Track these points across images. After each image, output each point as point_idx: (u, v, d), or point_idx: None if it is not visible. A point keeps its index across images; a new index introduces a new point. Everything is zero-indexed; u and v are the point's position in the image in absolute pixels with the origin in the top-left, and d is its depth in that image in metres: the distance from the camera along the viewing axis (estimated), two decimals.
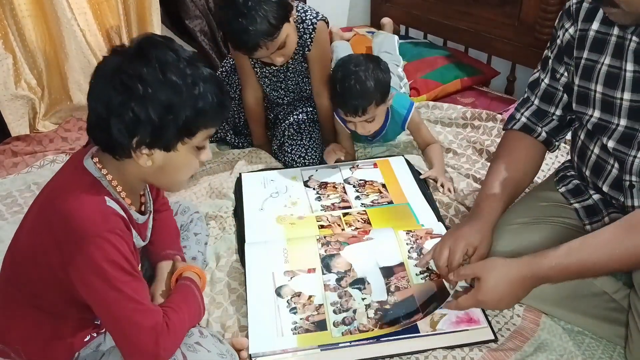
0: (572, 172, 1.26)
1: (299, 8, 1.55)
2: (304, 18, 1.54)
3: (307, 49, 1.58)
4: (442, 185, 1.54)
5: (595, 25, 1.07)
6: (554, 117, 1.21)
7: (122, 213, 0.90)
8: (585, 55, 1.08)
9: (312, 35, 1.56)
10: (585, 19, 1.08)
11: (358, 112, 1.50)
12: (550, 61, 1.19)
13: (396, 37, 2.26)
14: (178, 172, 0.96)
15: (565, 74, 1.17)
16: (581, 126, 1.17)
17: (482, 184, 1.23)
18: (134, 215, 0.96)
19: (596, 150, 1.13)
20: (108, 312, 0.87)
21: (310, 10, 1.56)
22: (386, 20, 2.44)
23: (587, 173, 1.17)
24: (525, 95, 1.25)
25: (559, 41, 1.16)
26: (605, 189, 1.13)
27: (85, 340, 0.98)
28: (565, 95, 1.19)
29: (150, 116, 0.83)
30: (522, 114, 1.24)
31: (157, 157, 0.89)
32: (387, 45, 2.17)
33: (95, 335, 1.00)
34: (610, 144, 1.07)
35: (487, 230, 1.13)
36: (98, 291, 0.85)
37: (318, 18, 1.56)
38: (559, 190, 1.25)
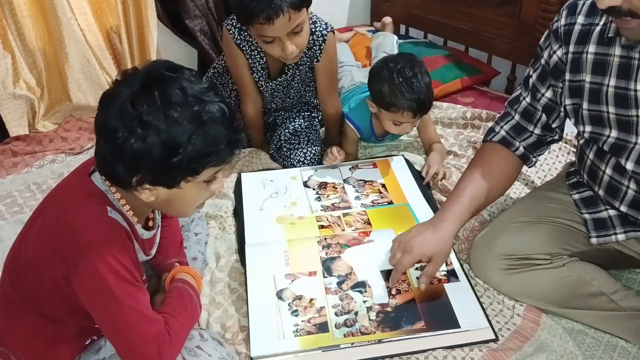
0: (577, 178, 1.25)
1: (308, 19, 1.53)
2: (313, 30, 1.52)
3: (315, 59, 1.57)
4: (443, 176, 1.54)
5: (592, 48, 1.03)
6: (533, 134, 1.21)
7: (125, 224, 0.90)
8: (588, 78, 1.05)
9: (321, 47, 1.54)
10: (578, 42, 1.05)
11: (420, 110, 1.47)
12: (531, 80, 1.17)
13: (395, 37, 2.25)
14: (185, 205, 0.94)
15: (548, 94, 1.15)
16: (589, 145, 1.15)
17: (453, 188, 1.22)
18: (139, 231, 0.95)
19: (608, 171, 1.10)
20: (110, 323, 0.86)
21: (319, 21, 1.54)
22: (387, 20, 2.44)
23: (601, 193, 1.15)
24: (506, 111, 1.25)
25: (543, 61, 1.14)
26: (623, 209, 1.11)
27: (86, 343, 0.98)
28: (544, 116, 1.18)
29: (152, 157, 0.80)
30: (501, 127, 1.24)
31: (160, 192, 0.87)
32: (385, 45, 2.17)
33: (95, 338, 1.00)
34: (629, 165, 1.03)
35: (447, 240, 1.14)
36: (100, 302, 0.85)
37: (328, 29, 1.54)
38: (573, 196, 1.23)
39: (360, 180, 1.58)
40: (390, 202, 1.48)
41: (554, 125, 1.19)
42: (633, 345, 1.12)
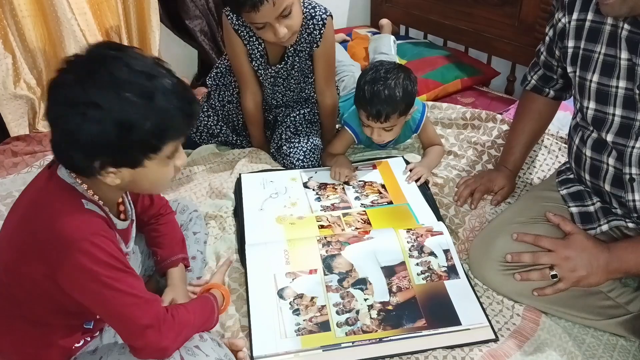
0: (573, 176, 1.27)
1: (307, 4, 1.53)
2: (313, 14, 1.53)
3: (315, 45, 1.57)
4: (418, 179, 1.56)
5: (590, 15, 1.08)
6: (558, 82, 1.33)
7: (102, 214, 0.90)
8: (582, 45, 1.10)
9: (321, 32, 1.55)
10: (582, 9, 1.10)
11: (381, 117, 1.48)
12: (547, 37, 1.25)
13: (392, 37, 2.25)
14: (151, 184, 0.93)
15: (557, 52, 1.23)
16: (576, 130, 1.19)
17: (506, 139, 1.51)
18: (114, 220, 0.94)
19: (588, 153, 1.14)
20: (108, 311, 0.87)
21: (319, 6, 1.55)
22: (385, 22, 2.44)
23: (587, 177, 1.18)
24: (534, 60, 1.35)
25: (554, 21, 1.19)
26: (607, 188, 1.13)
27: (78, 345, 0.97)
28: (559, 69, 1.27)
29: (108, 138, 0.78)
30: (532, 77, 1.38)
31: (125, 174, 0.86)
32: (382, 46, 2.16)
33: (89, 339, 0.99)
34: (609, 137, 1.07)
35: (512, 177, 1.46)
36: (93, 293, 0.84)
37: (327, 14, 1.55)
38: (560, 192, 1.26)
39: (360, 181, 1.58)
40: (390, 202, 1.48)
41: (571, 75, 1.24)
42: (632, 343, 1.12)
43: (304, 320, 1.13)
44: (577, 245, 1.12)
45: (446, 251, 1.28)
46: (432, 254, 1.27)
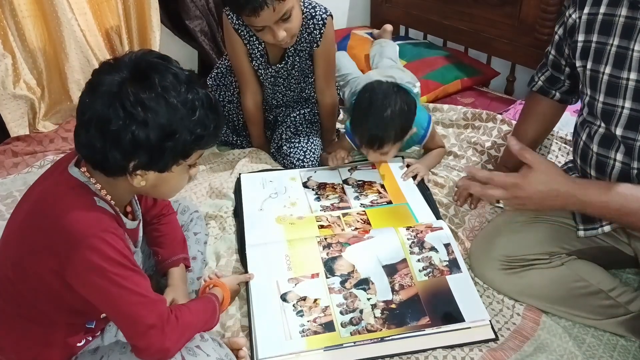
0: (576, 174, 1.26)
1: (307, 4, 1.54)
2: (313, 14, 1.53)
3: (316, 44, 1.58)
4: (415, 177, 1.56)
5: (602, 9, 1.08)
6: (565, 83, 1.32)
7: (113, 212, 0.91)
8: (594, 38, 1.10)
9: (321, 31, 1.55)
10: (594, 3, 1.10)
11: (374, 145, 1.48)
12: (557, 36, 1.25)
13: (396, 46, 2.24)
14: (170, 189, 0.97)
15: (566, 50, 1.22)
16: (583, 127, 1.18)
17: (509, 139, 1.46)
18: (123, 220, 0.95)
19: (595, 148, 1.13)
20: (113, 309, 0.87)
21: (319, 5, 1.55)
22: (389, 28, 2.42)
23: (593, 173, 1.17)
24: (542, 61, 1.36)
25: (565, 18, 1.19)
26: None
27: (80, 344, 0.98)
28: (567, 68, 1.27)
29: (150, 141, 0.82)
30: (539, 78, 1.37)
31: (150, 177, 0.89)
32: (388, 52, 2.15)
33: (90, 339, 0.99)
34: (619, 131, 1.07)
35: None
36: (100, 289, 0.84)
37: (327, 13, 1.56)
38: None
39: (359, 181, 1.58)
40: (390, 202, 1.48)
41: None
42: (633, 343, 1.12)
43: (308, 321, 1.13)
44: (532, 184, 1.03)
45: (447, 245, 1.28)
46: (433, 249, 1.28)
